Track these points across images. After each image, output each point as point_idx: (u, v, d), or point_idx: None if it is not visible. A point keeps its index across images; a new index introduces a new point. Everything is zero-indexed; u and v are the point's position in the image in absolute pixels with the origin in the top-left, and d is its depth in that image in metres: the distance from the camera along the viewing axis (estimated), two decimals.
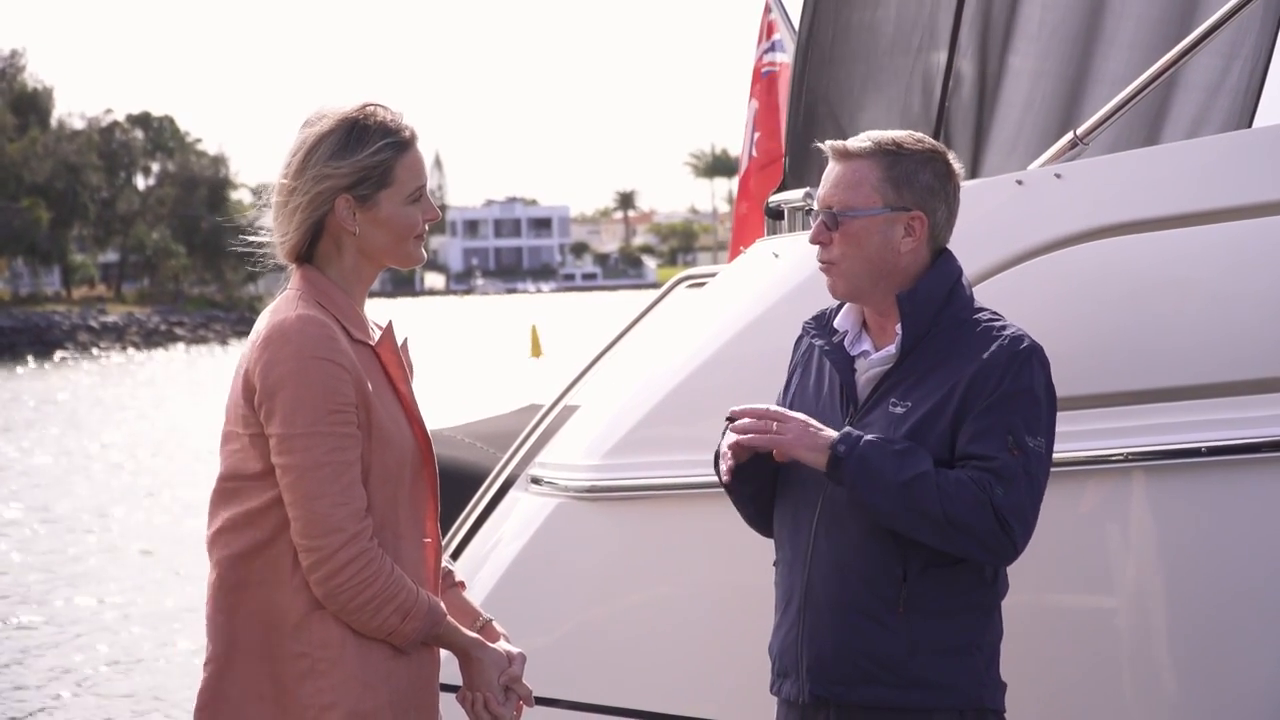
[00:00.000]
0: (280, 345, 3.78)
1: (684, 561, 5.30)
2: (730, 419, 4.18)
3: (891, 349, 4.21)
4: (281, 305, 3.89)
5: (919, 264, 4.23)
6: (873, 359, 4.24)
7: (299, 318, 3.81)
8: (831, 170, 4.26)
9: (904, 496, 3.99)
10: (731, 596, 4.80)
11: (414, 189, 3.94)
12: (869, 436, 4.05)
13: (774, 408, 4.17)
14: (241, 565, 3.86)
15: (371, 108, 3.93)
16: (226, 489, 3.90)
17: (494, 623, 4.19)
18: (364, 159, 3.87)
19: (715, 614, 5.20)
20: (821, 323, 4.39)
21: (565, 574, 5.58)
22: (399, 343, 4.03)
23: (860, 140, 4.24)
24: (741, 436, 4.13)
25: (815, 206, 4.28)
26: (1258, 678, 4.67)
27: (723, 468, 4.23)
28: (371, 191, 3.89)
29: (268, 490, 3.82)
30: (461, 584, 4.25)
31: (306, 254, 3.96)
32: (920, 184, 4.21)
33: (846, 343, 4.29)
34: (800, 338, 4.49)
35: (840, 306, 4.36)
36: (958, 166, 4.32)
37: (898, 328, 4.20)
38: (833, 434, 4.07)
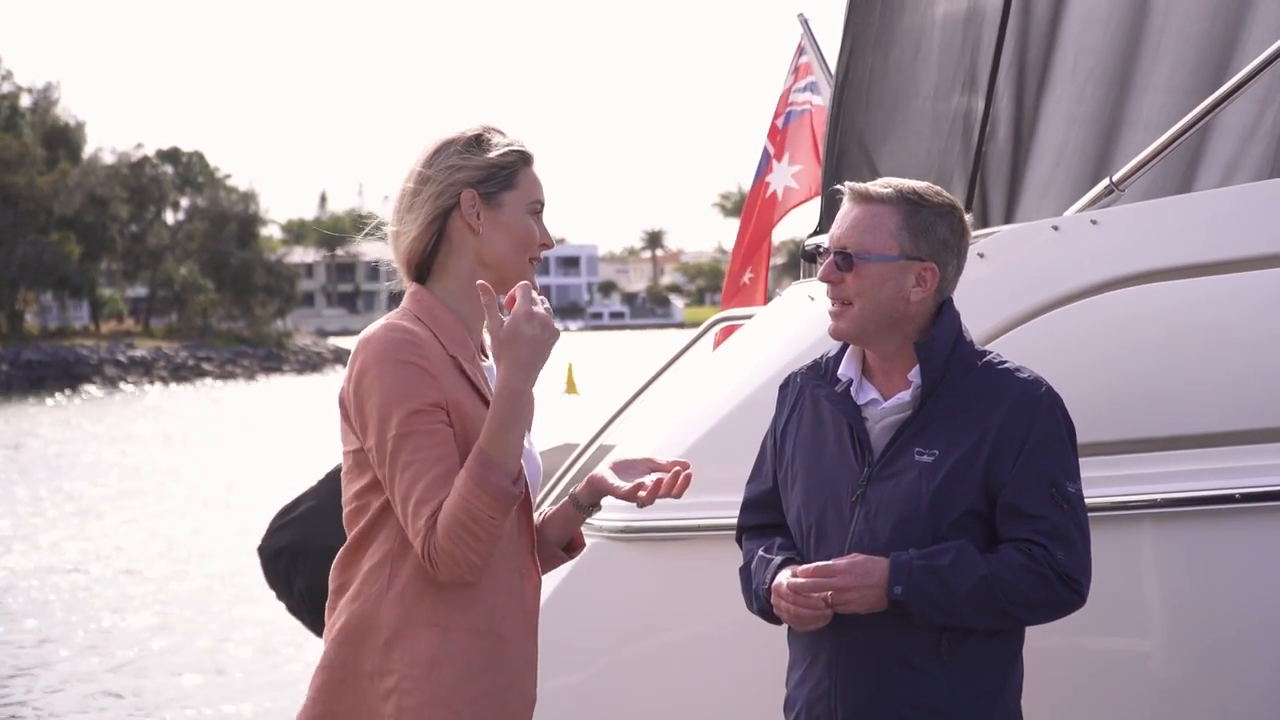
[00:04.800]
0: (363, 357, 3.80)
1: (719, 602, 5.29)
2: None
3: (905, 396, 4.21)
4: (375, 323, 3.91)
5: (926, 314, 4.23)
6: (885, 407, 4.22)
7: (383, 327, 3.83)
8: (850, 212, 4.26)
9: (970, 608, 4.03)
10: (765, 638, 4.80)
11: (535, 199, 3.99)
12: (917, 562, 4.04)
13: (820, 564, 4.13)
14: (341, 574, 3.90)
15: (494, 127, 4.01)
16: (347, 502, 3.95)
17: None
18: (495, 157, 3.94)
19: (749, 655, 5.19)
20: (819, 372, 4.38)
21: (599, 613, 5.59)
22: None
23: (881, 185, 4.25)
24: (794, 608, 4.13)
25: (826, 244, 4.28)
26: None
27: (765, 606, 4.29)
28: (497, 190, 3.93)
29: (372, 502, 3.84)
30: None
31: (425, 266, 3.97)
32: (937, 237, 4.21)
33: (851, 391, 4.28)
34: (785, 387, 4.48)
35: (840, 355, 4.35)
36: (970, 223, 4.33)
37: (910, 375, 4.20)
38: (882, 576, 4.05)
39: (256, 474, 31.80)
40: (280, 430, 43.29)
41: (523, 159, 3.98)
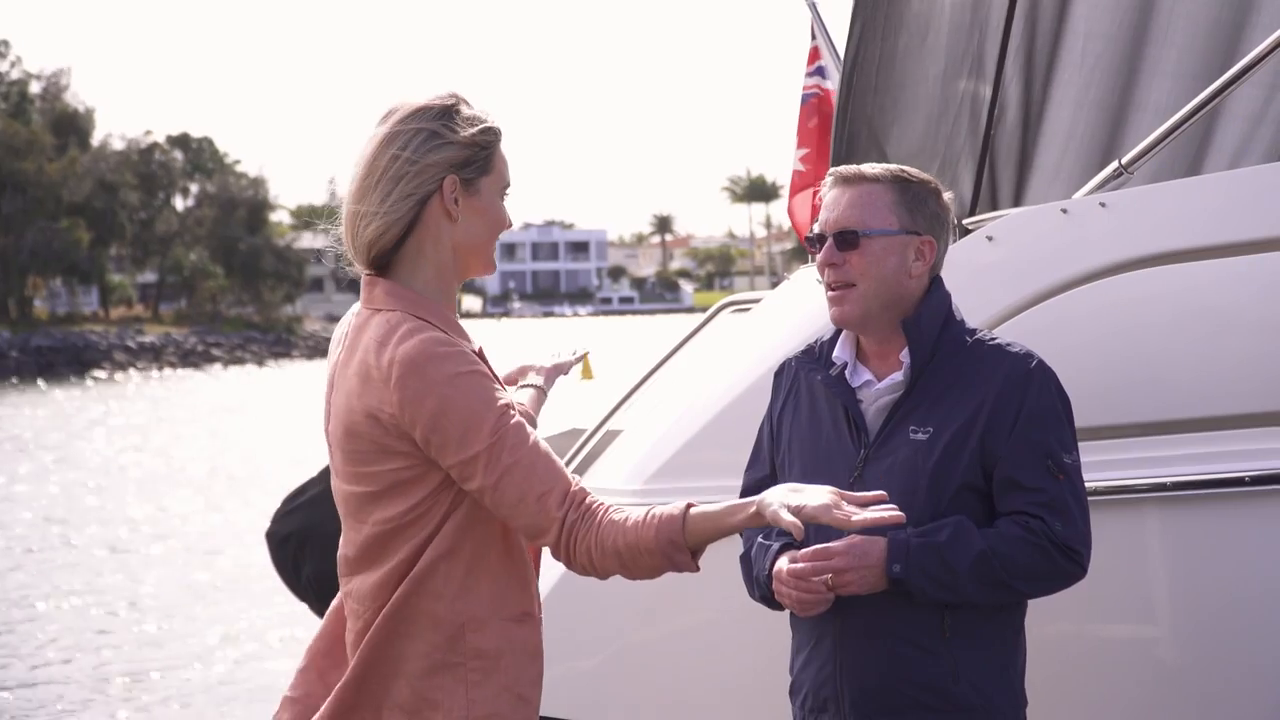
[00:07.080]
0: (415, 378, 3.59)
1: (728, 585, 5.30)
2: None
3: (898, 376, 4.23)
4: (391, 334, 3.66)
5: (920, 291, 4.27)
6: (879, 388, 4.24)
7: (421, 341, 3.61)
8: (842, 194, 4.27)
9: (970, 583, 4.04)
10: (774, 621, 4.82)
11: (506, 182, 3.81)
12: (914, 540, 4.05)
13: (818, 547, 4.13)
14: (388, 572, 3.74)
15: (463, 97, 3.77)
16: (374, 509, 3.76)
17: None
18: (475, 135, 3.71)
19: (760, 638, 5.20)
20: (813, 356, 4.40)
21: (609, 598, 5.58)
22: None
23: (872, 166, 4.30)
24: (796, 593, 4.14)
25: (820, 230, 4.28)
26: None
27: (767, 593, 4.31)
28: (475, 175, 3.72)
29: (433, 513, 3.71)
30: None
31: (388, 257, 3.74)
32: (929, 211, 4.27)
33: (845, 374, 4.30)
34: (780, 373, 4.49)
35: (834, 339, 4.37)
36: (950, 201, 4.38)
37: (902, 355, 4.23)
38: (880, 555, 4.05)
39: (263, 459, 31.84)
40: (288, 415, 43.30)
41: (497, 137, 3.76)
